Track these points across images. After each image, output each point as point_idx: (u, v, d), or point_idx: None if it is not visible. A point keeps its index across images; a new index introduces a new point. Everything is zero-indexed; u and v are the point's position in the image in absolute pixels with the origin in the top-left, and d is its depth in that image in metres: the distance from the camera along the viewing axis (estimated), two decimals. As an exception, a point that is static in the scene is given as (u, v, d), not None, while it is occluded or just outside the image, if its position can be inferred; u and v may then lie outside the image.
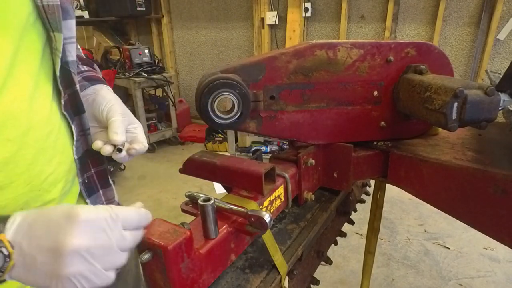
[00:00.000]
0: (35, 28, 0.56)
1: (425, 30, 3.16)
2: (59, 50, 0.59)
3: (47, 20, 0.56)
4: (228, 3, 4.16)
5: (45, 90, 0.59)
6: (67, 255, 0.40)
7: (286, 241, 0.77)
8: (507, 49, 2.86)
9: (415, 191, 0.85)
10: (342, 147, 0.87)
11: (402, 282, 2.06)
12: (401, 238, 2.46)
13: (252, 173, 0.68)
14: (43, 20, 0.56)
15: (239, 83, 0.73)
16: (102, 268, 0.43)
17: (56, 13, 0.57)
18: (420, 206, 2.81)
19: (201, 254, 0.55)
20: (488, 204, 0.68)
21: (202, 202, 0.53)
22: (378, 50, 0.81)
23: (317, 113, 0.83)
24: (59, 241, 0.41)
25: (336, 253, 2.27)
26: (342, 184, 0.91)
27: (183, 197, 0.69)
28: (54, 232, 0.41)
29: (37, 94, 0.57)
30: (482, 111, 0.67)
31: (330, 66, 0.80)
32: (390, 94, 0.86)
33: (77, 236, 0.41)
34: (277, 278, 0.67)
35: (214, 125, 0.75)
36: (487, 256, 2.25)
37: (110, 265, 0.44)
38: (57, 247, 0.41)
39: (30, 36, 0.55)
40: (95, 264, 0.42)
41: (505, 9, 2.77)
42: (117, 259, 0.45)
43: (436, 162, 0.77)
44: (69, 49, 0.63)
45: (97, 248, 0.43)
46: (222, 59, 4.48)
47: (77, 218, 0.42)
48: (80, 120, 0.68)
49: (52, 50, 0.60)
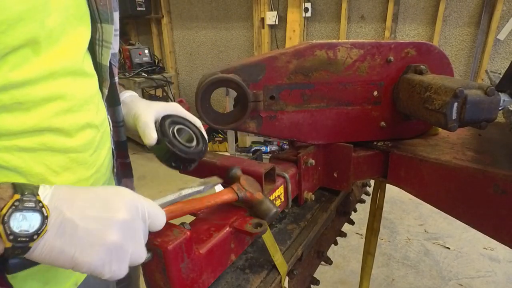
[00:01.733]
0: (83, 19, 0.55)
1: (425, 30, 3.16)
2: (109, 42, 0.59)
3: (97, 11, 0.56)
4: (228, 3, 4.16)
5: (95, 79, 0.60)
6: (116, 225, 0.41)
7: (286, 241, 0.77)
8: (507, 49, 2.86)
9: (415, 191, 0.85)
10: (342, 147, 0.87)
11: (402, 282, 2.06)
12: (401, 238, 2.46)
13: (252, 173, 0.68)
14: (92, 11, 0.56)
15: (239, 83, 0.73)
16: (130, 255, 0.43)
17: (108, 5, 0.57)
18: (420, 206, 2.80)
19: (201, 254, 0.55)
20: (488, 204, 0.68)
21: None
22: (378, 50, 0.81)
23: (317, 113, 0.83)
24: (110, 211, 0.41)
25: (336, 253, 2.27)
26: (342, 184, 0.91)
27: (183, 197, 0.69)
28: (104, 204, 0.42)
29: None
30: (482, 111, 0.67)
31: (330, 66, 0.80)
32: (390, 94, 0.86)
33: (126, 212, 0.42)
34: (277, 278, 0.67)
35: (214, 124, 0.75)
36: (487, 256, 2.25)
37: (134, 255, 0.44)
38: (107, 216, 0.41)
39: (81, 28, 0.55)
40: (129, 246, 0.43)
41: (505, 9, 2.77)
42: (139, 252, 0.45)
43: (436, 162, 0.77)
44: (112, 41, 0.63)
45: (135, 232, 0.43)
46: (222, 59, 4.48)
47: (126, 197, 0.43)
48: (114, 111, 0.69)
49: (96, 41, 0.59)
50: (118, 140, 0.72)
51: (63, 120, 0.50)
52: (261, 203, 0.63)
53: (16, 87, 0.44)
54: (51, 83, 0.48)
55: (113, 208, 0.42)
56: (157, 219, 0.47)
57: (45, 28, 0.45)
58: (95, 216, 0.41)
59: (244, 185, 0.65)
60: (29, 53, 0.44)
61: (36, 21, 0.44)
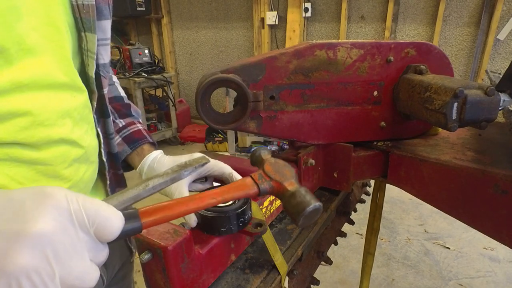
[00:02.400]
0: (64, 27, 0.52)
1: (425, 30, 3.16)
2: (92, 52, 0.57)
3: (80, 20, 0.53)
4: (228, 3, 4.16)
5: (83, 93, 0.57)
6: (25, 241, 0.29)
7: (286, 241, 0.77)
8: (507, 49, 2.86)
9: (415, 191, 0.85)
10: (342, 147, 0.87)
11: (402, 282, 2.06)
12: (401, 238, 2.46)
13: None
14: (76, 19, 0.53)
15: (239, 83, 0.73)
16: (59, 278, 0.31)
17: (91, 13, 0.54)
18: (420, 206, 2.81)
19: (201, 254, 0.55)
20: (488, 204, 0.68)
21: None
22: (378, 50, 0.81)
23: (317, 113, 0.83)
24: (18, 223, 0.30)
25: (336, 253, 2.27)
26: (342, 184, 0.91)
27: (183, 197, 0.69)
28: (17, 211, 0.31)
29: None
30: (482, 111, 0.67)
31: (330, 66, 0.80)
32: (390, 94, 0.86)
33: (48, 221, 0.30)
34: (277, 278, 0.67)
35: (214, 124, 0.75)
36: (487, 256, 2.25)
37: (69, 277, 0.32)
38: (13, 229, 0.30)
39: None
40: (54, 267, 0.30)
41: (505, 9, 2.77)
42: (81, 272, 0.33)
43: (436, 162, 0.77)
44: (101, 51, 0.60)
45: (65, 244, 0.31)
46: (222, 59, 4.48)
47: (51, 198, 0.32)
48: (104, 123, 0.67)
49: (83, 51, 0.57)
50: (109, 151, 0.70)
51: (30, 135, 0.47)
52: (293, 195, 0.46)
53: None
54: (17, 97, 0.44)
55: (28, 217, 0.30)
56: (106, 225, 0.34)
57: (13, 34, 0.42)
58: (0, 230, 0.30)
59: (269, 172, 0.49)
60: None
61: (2, 25, 0.40)
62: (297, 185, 0.47)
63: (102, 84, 0.63)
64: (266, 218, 0.72)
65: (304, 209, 0.44)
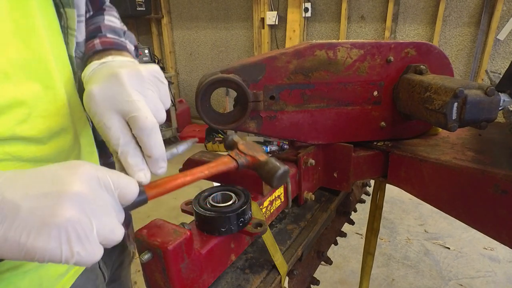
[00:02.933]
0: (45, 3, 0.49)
1: (425, 30, 3.16)
2: (73, 29, 0.53)
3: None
4: (228, 3, 4.16)
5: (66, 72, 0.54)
6: (68, 199, 0.34)
7: (286, 241, 0.77)
8: (507, 49, 2.86)
9: (415, 191, 0.85)
10: (342, 147, 0.87)
11: (402, 282, 2.06)
12: (401, 238, 2.46)
13: (252, 173, 0.68)
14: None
15: (239, 83, 0.73)
16: (96, 230, 0.36)
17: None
18: (420, 206, 2.81)
19: (201, 254, 0.55)
20: (488, 204, 0.68)
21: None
22: (378, 50, 0.81)
23: (317, 113, 0.83)
24: (57, 186, 0.34)
25: (336, 253, 2.27)
26: (342, 184, 0.91)
27: (183, 197, 0.69)
28: (53, 179, 0.35)
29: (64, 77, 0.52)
30: (482, 111, 0.67)
31: (330, 66, 0.80)
32: (390, 94, 0.86)
33: (81, 184, 0.35)
34: (277, 278, 0.67)
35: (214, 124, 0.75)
36: (487, 256, 2.25)
37: (104, 231, 0.37)
38: (53, 191, 0.34)
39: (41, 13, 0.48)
40: (92, 220, 0.35)
41: (505, 9, 2.77)
42: (112, 227, 0.38)
43: (436, 162, 0.77)
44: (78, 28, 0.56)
45: (97, 204, 0.36)
46: (222, 59, 4.48)
47: (81, 168, 0.36)
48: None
49: (63, 29, 0.53)
50: (96, 138, 0.66)
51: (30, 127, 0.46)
52: (266, 163, 0.56)
53: None
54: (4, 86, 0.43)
55: (64, 182, 0.35)
56: (127, 188, 0.40)
57: None
58: (41, 193, 0.34)
59: (244, 150, 0.58)
60: None
61: None
62: (267, 157, 0.58)
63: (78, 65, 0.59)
64: (266, 218, 0.73)
65: (276, 172, 0.55)
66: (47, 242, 0.33)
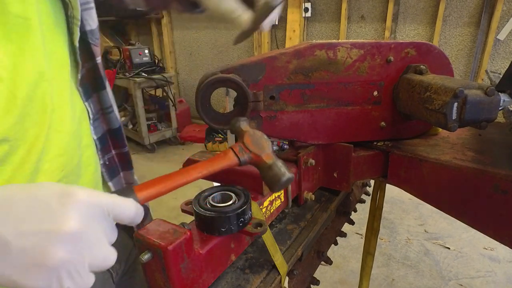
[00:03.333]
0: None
1: (425, 30, 3.16)
2: (77, 18, 0.52)
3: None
4: (228, 3, 4.16)
5: (63, 65, 0.52)
6: (61, 239, 0.34)
7: (286, 241, 0.77)
8: (507, 49, 2.86)
9: (415, 191, 0.85)
10: (342, 147, 0.87)
11: (402, 282, 2.06)
12: (401, 238, 2.46)
13: (252, 173, 0.68)
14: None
15: (239, 83, 0.73)
16: (88, 264, 0.36)
17: None
18: (420, 206, 2.81)
19: (201, 254, 0.55)
20: (488, 204, 0.68)
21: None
22: (378, 50, 0.81)
23: (317, 113, 0.83)
24: (49, 223, 0.34)
25: (336, 253, 2.27)
26: (342, 184, 0.91)
27: (183, 197, 0.69)
28: (46, 212, 0.34)
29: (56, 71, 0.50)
30: (482, 111, 0.67)
31: (330, 66, 0.80)
32: (390, 94, 0.86)
33: (77, 220, 0.35)
34: (277, 278, 0.67)
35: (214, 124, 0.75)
36: (487, 256, 2.25)
37: (96, 262, 0.37)
38: (49, 229, 0.34)
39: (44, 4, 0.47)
40: (85, 257, 0.36)
41: (505, 9, 2.77)
42: (105, 256, 0.38)
43: (436, 162, 0.77)
44: (85, 16, 0.55)
45: (91, 237, 0.36)
46: (222, 59, 4.48)
47: (74, 198, 0.35)
48: (99, 97, 0.62)
49: (69, 18, 0.52)
50: (109, 128, 0.65)
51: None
52: (270, 168, 0.53)
53: None
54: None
55: (56, 218, 0.34)
56: (122, 211, 0.40)
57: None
58: (32, 231, 0.33)
59: (249, 145, 0.54)
60: None
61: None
62: (273, 158, 0.54)
63: (93, 53, 0.58)
64: (266, 218, 0.73)
65: (279, 180, 0.52)
66: (38, 283, 0.33)
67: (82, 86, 0.58)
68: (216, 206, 0.58)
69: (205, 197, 0.61)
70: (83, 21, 0.55)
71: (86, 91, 0.59)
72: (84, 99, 0.58)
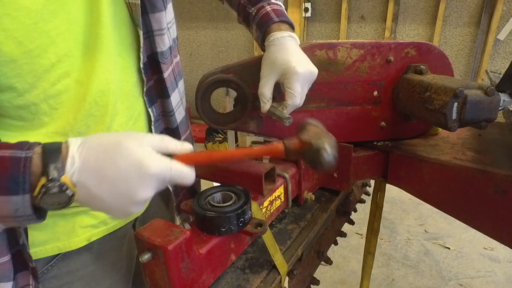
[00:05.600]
0: (124, 23, 0.60)
1: (425, 30, 3.16)
2: (141, 46, 0.63)
3: (132, 17, 0.60)
4: (228, 3, 4.16)
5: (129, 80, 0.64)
6: (134, 203, 0.46)
7: (286, 241, 0.77)
8: (507, 49, 2.86)
9: (415, 191, 0.85)
10: (342, 147, 0.87)
11: (402, 282, 2.06)
12: (401, 238, 2.46)
13: (252, 173, 0.68)
14: (132, 17, 0.61)
15: (239, 83, 0.73)
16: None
17: (138, 11, 0.60)
18: (420, 206, 2.80)
19: (201, 254, 0.55)
20: (488, 204, 0.68)
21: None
22: (378, 50, 0.81)
23: (317, 113, 0.83)
24: (130, 192, 0.45)
25: (336, 253, 2.27)
26: (342, 184, 0.91)
27: (183, 197, 0.69)
28: (124, 182, 0.45)
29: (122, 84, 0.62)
30: (482, 111, 0.67)
31: (330, 66, 0.80)
32: (390, 94, 0.86)
33: (146, 189, 0.46)
34: (277, 278, 0.67)
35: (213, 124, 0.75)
36: (487, 256, 2.25)
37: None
38: (129, 195, 0.45)
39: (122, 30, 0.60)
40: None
41: (505, 9, 2.77)
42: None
43: (436, 162, 0.77)
44: (157, 41, 0.66)
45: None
46: (222, 59, 4.48)
47: (148, 172, 0.45)
48: (163, 102, 0.73)
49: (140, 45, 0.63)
50: (167, 127, 0.76)
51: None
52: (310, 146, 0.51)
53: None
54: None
55: (135, 189, 0.45)
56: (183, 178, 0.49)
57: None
58: (119, 194, 0.45)
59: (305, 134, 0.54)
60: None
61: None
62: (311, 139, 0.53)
63: (161, 69, 0.69)
64: (266, 218, 0.72)
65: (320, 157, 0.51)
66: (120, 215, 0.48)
67: (147, 95, 0.68)
68: (216, 206, 0.58)
69: (205, 197, 0.61)
70: (155, 44, 0.66)
71: (151, 99, 0.70)
72: (148, 106, 0.69)
